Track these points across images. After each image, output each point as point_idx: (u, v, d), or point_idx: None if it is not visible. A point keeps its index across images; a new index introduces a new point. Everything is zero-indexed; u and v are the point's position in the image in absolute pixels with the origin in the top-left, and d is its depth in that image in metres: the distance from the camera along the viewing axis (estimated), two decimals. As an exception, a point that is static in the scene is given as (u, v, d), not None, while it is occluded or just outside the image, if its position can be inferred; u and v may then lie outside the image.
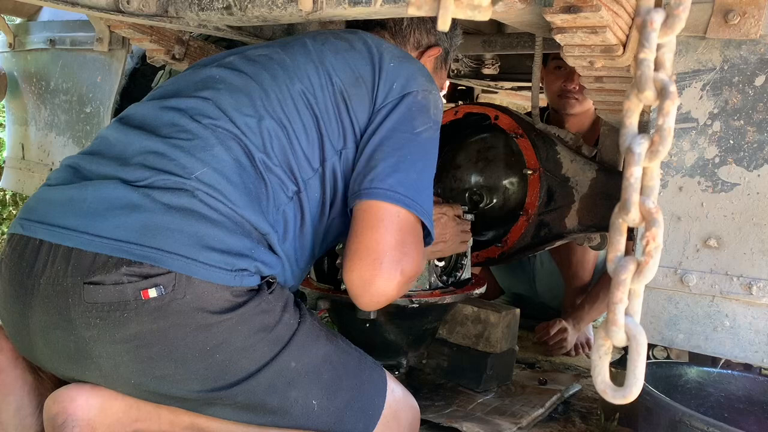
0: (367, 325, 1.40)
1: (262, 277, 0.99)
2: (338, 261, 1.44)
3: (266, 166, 1.03)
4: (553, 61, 2.15)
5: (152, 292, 0.89)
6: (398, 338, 1.46)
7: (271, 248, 1.01)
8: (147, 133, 1.03)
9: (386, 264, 1.01)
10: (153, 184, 0.95)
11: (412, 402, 1.16)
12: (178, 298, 0.90)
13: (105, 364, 0.93)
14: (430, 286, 1.46)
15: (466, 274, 1.57)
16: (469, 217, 1.50)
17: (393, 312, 1.41)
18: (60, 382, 1.06)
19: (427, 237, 1.10)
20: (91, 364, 0.93)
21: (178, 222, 0.92)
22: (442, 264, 1.51)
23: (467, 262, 1.56)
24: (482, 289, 1.57)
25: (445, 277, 1.52)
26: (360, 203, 1.06)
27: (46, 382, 1.07)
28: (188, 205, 0.94)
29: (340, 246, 1.38)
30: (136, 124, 1.07)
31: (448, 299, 1.45)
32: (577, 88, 2.08)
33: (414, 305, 1.39)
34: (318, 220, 1.12)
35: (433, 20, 1.36)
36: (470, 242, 1.55)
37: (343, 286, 1.35)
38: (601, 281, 2.13)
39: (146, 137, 1.02)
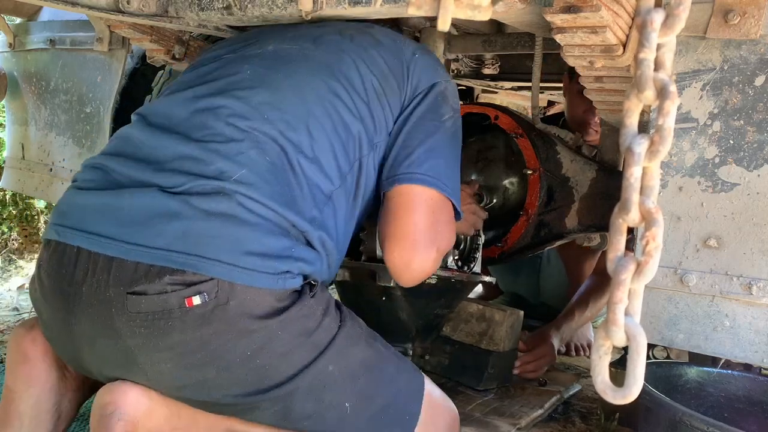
0: (384, 298, 1.42)
1: (305, 278, 0.98)
2: (360, 234, 1.47)
3: (302, 167, 1.02)
4: (578, 84, 2.12)
5: (196, 300, 0.89)
6: (409, 319, 1.48)
7: (309, 244, 1.01)
8: (178, 135, 1.01)
9: (422, 244, 1.09)
10: (190, 190, 0.94)
11: (449, 405, 1.16)
12: (221, 305, 0.89)
13: (150, 371, 0.93)
14: (446, 265, 1.52)
15: (476, 268, 1.60)
16: (481, 240, 1.61)
17: (410, 287, 1.43)
18: (84, 384, 1.09)
19: (455, 213, 1.17)
20: (137, 370, 0.94)
21: (218, 228, 0.92)
22: (458, 250, 1.57)
23: (479, 256, 1.60)
24: (492, 279, 1.68)
25: (460, 263, 1.58)
26: (398, 187, 1.12)
27: (70, 382, 1.08)
28: (227, 210, 0.93)
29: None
30: (163, 123, 1.04)
31: (463, 277, 1.53)
32: (598, 121, 2.03)
33: (432, 280, 1.43)
34: (351, 213, 1.13)
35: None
36: (482, 239, 1.60)
37: (363, 257, 1.44)
38: (591, 285, 2.08)
39: (179, 141, 1.00)
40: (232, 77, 1.10)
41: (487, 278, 1.65)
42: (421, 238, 1.09)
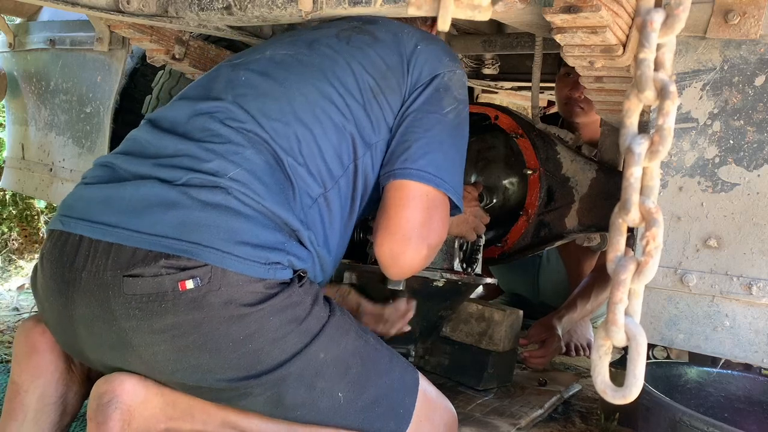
0: (391, 301, 1.43)
1: (294, 271, 1.01)
2: (368, 236, 1.48)
3: (294, 170, 1.05)
4: (564, 67, 2.15)
5: (189, 284, 0.92)
6: (414, 321, 1.48)
7: (301, 243, 1.04)
8: (180, 136, 1.06)
9: (414, 240, 1.10)
10: (189, 182, 0.98)
11: (446, 404, 1.17)
12: (213, 290, 0.92)
13: (144, 353, 0.96)
14: (453, 268, 1.53)
15: (478, 269, 1.61)
16: (482, 241, 1.61)
17: (417, 289, 1.45)
18: (89, 377, 1.11)
19: (455, 209, 1.18)
20: (132, 353, 0.97)
21: (214, 218, 0.95)
22: (462, 252, 1.59)
23: (480, 258, 1.60)
24: (495, 280, 1.70)
25: (464, 265, 1.59)
26: (393, 182, 1.12)
27: (76, 375, 1.10)
28: (223, 202, 0.97)
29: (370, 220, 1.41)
30: (167, 126, 1.09)
31: (470, 280, 1.54)
32: (582, 97, 2.07)
33: (439, 283, 1.45)
34: (348, 214, 1.15)
35: None
36: (483, 240, 1.60)
37: (370, 260, 1.44)
38: (592, 279, 2.10)
39: (180, 141, 1.05)
40: (229, 84, 1.14)
41: (490, 280, 1.66)
42: (413, 234, 1.10)
